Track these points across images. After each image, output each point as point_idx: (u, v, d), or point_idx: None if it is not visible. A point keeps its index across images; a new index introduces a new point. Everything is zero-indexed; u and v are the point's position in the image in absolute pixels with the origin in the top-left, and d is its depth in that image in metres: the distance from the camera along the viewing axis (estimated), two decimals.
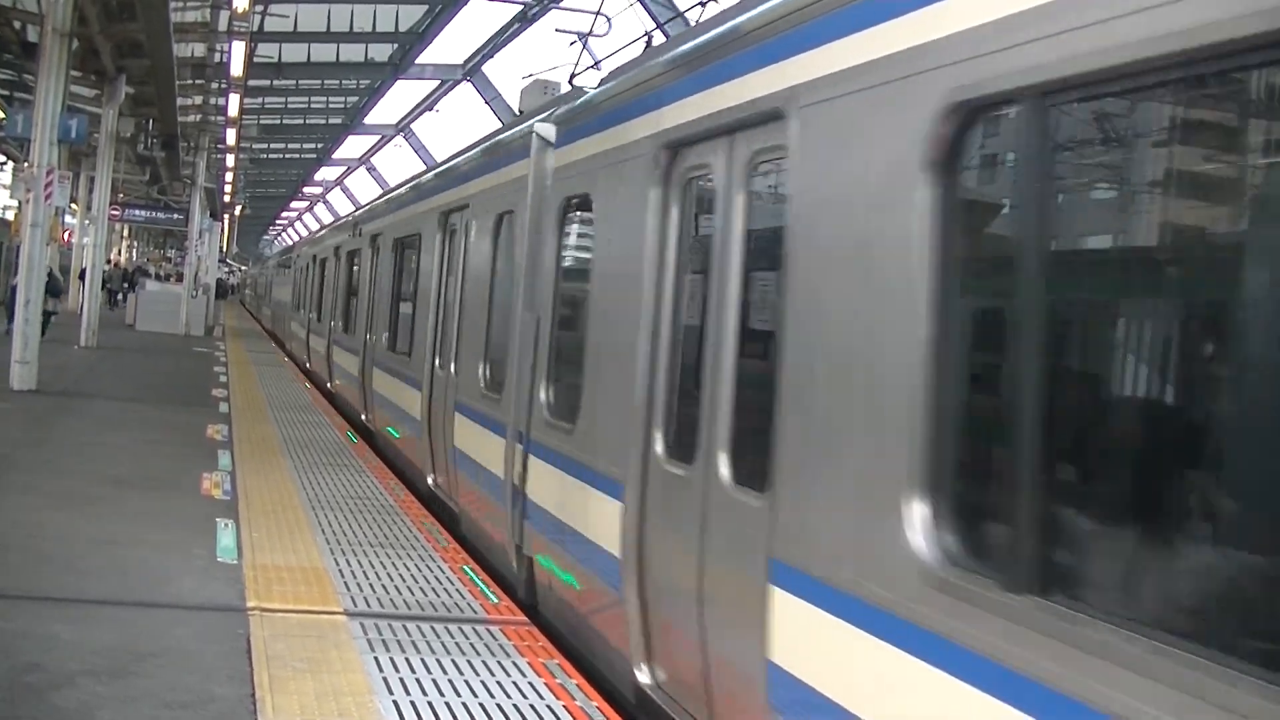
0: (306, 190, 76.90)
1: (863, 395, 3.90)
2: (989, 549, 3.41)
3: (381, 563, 8.16)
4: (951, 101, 3.51)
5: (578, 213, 7.56)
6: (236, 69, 25.60)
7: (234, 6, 21.28)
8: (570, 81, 9.57)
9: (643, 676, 5.78)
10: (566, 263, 7.71)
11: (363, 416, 16.13)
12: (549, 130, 8.01)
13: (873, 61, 3.99)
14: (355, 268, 18.79)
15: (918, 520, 3.52)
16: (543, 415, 7.51)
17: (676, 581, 5.30)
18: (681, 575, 5.22)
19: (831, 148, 4.32)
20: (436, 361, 11.19)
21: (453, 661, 6.15)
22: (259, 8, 25.99)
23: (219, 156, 43.48)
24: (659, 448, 5.74)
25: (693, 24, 9.01)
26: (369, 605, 7.11)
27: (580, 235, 7.61)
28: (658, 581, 5.60)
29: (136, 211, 44.34)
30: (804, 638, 4.11)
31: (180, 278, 43.30)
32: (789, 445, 4.31)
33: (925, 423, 3.53)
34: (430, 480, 11.16)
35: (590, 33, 26.36)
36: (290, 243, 67.47)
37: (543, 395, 7.56)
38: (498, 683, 5.87)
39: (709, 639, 4.98)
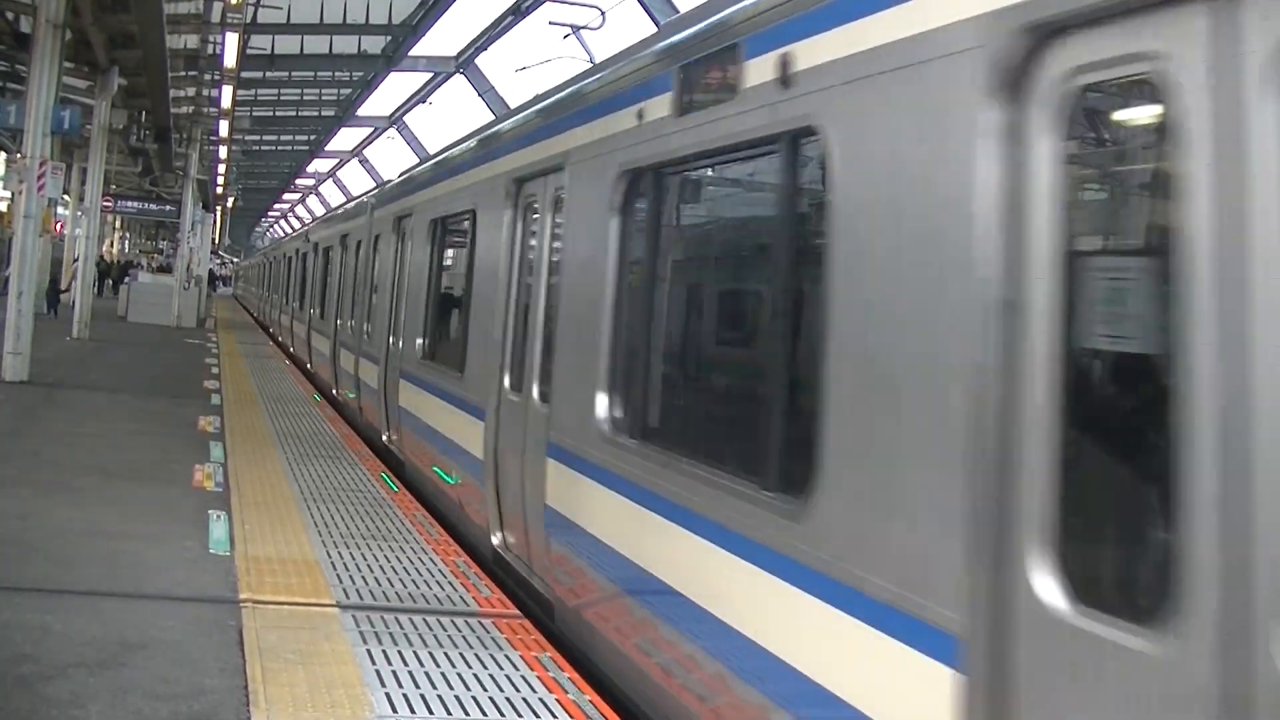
0: (299, 182, 76.87)
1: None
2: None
3: (374, 555, 8.16)
4: None
5: None
6: (229, 61, 25.54)
7: None
8: None
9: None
10: None
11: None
12: None
13: None
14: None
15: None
16: None
17: None
18: None
19: None
20: None
21: (445, 654, 6.16)
22: None
23: (211, 148, 43.36)
24: None
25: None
26: (361, 597, 7.11)
27: None
28: None
29: (129, 203, 44.34)
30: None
31: (164, 269, 43.16)
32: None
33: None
34: None
35: (584, 25, 26.40)
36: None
37: None
38: (490, 676, 5.88)
39: None
